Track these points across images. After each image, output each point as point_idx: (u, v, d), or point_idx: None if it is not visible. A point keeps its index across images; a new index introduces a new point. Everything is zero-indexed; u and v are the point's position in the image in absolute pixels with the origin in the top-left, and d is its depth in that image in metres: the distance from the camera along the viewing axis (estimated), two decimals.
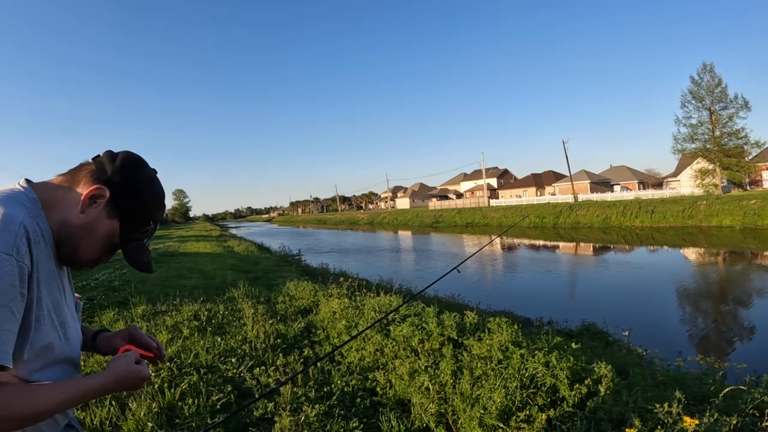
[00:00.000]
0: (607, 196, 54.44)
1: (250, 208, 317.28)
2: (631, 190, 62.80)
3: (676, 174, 63.52)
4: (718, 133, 46.58)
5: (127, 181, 1.30)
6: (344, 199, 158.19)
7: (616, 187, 70.56)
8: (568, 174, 65.04)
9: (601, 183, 72.37)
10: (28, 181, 1.28)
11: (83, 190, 1.26)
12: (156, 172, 1.43)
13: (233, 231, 73.20)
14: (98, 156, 1.35)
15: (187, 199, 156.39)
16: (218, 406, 4.18)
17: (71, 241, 1.26)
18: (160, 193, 1.41)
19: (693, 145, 48.78)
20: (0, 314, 1.03)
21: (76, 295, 1.48)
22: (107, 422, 3.83)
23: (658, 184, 67.81)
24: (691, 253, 23.36)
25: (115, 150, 1.38)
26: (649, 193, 51.74)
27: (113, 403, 4.08)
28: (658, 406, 3.26)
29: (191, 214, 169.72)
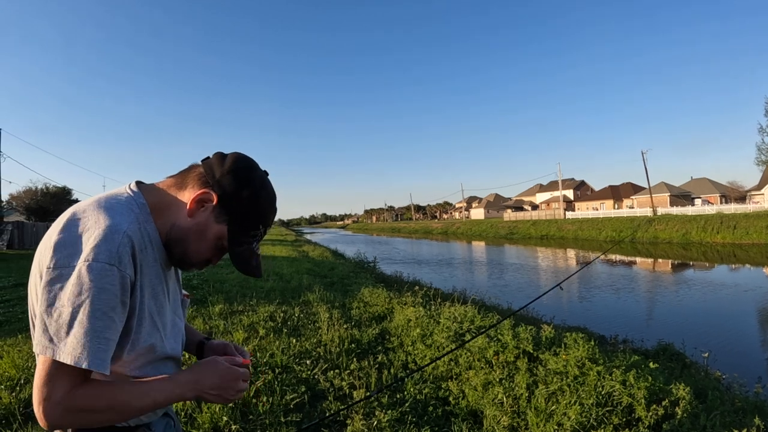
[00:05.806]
0: (688, 210, 51.70)
1: (324, 214, 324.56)
2: (712, 203, 59.43)
3: (759, 187, 60.14)
4: None
5: (236, 185, 1.27)
6: (419, 208, 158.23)
7: (697, 201, 67.17)
8: (647, 186, 62.44)
9: (682, 196, 69.29)
10: (138, 183, 1.31)
11: (191, 193, 1.26)
12: (267, 174, 1.38)
13: (308, 236, 74.75)
14: (208, 158, 1.34)
15: None
16: (291, 406, 4.29)
17: (181, 244, 1.28)
18: (272, 196, 1.36)
19: None
20: (101, 323, 1.07)
21: (184, 292, 1.51)
22: (182, 413, 3.98)
23: (741, 197, 63.95)
24: None
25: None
26: (732, 207, 48.53)
27: None
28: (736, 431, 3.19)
29: None
